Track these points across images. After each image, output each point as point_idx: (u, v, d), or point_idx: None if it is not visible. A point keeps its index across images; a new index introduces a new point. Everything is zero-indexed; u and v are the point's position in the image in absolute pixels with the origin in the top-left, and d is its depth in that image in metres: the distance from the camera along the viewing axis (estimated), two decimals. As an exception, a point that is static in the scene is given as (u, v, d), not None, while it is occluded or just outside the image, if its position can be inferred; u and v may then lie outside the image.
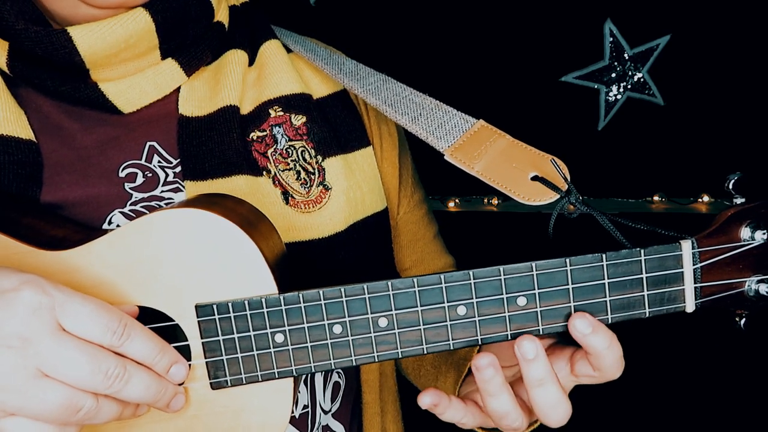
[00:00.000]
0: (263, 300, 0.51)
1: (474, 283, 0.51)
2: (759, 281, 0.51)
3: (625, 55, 1.86)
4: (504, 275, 0.51)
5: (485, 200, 1.92)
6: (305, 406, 0.67)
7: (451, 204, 1.91)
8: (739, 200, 0.52)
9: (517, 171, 0.58)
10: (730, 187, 0.52)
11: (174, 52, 0.64)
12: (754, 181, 0.52)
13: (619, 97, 1.88)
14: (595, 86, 1.88)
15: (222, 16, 0.69)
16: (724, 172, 0.52)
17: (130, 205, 0.61)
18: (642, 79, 1.87)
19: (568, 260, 0.51)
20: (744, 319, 0.53)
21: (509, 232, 1.77)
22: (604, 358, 0.51)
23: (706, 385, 1.72)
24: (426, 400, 0.54)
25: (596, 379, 0.54)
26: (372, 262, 0.70)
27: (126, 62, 0.61)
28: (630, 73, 1.87)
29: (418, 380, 0.77)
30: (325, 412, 0.70)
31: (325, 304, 0.51)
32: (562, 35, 1.83)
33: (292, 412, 0.55)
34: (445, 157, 0.61)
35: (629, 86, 1.88)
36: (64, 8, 0.59)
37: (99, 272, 0.52)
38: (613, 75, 1.87)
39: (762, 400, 1.67)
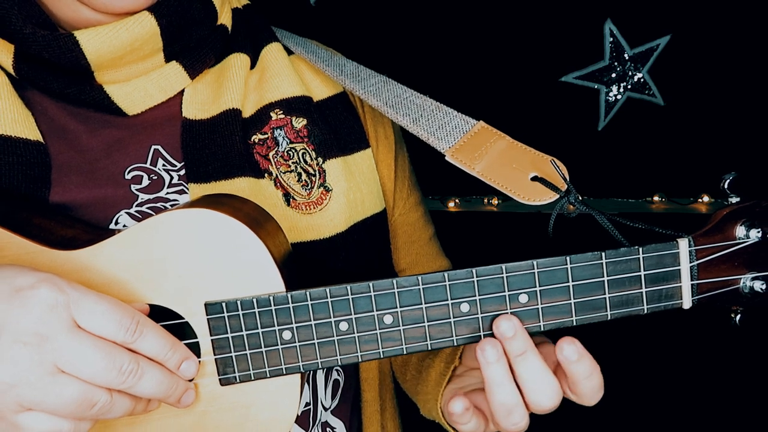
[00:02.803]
0: (271, 298, 0.53)
1: (477, 280, 0.52)
2: (753, 278, 0.53)
3: (625, 55, 1.86)
4: (506, 273, 0.52)
5: (485, 200, 1.92)
6: (307, 404, 0.68)
7: (451, 204, 1.91)
8: (734, 199, 0.53)
9: (517, 171, 0.59)
10: (726, 186, 0.53)
11: (178, 54, 0.64)
12: (749, 180, 0.53)
13: (619, 97, 1.89)
14: (595, 86, 1.88)
15: (225, 19, 0.69)
16: (724, 172, 0.53)
17: (136, 206, 0.62)
18: (642, 79, 1.88)
19: (568, 258, 0.52)
20: (739, 315, 0.54)
21: (509, 232, 1.77)
22: (582, 385, 0.52)
23: (702, 380, 1.72)
24: (458, 406, 0.53)
25: (572, 399, 0.54)
26: (372, 262, 0.71)
27: (130, 64, 0.62)
28: (630, 74, 1.87)
29: (404, 383, 0.77)
30: (326, 409, 0.71)
31: (331, 301, 0.52)
32: (562, 35, 1.83)
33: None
34: (446, 158, 0.62)
35: (629, 86, 1.88)
36: (67, 12, 0.60)
37: (110, 271, 0.53)
38: (613, 75, 1.87)
39: (758, 394, 1.67)
